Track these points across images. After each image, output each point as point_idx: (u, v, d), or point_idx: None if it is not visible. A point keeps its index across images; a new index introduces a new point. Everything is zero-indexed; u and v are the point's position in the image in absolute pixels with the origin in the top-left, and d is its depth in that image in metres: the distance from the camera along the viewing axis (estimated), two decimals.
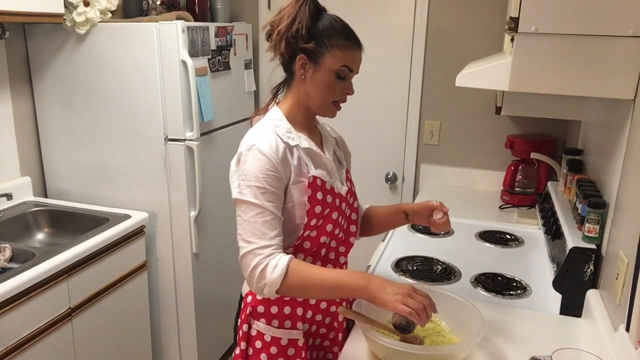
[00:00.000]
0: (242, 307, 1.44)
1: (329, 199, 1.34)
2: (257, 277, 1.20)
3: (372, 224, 1.58)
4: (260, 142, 1.26)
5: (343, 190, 1.40)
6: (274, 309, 1.38)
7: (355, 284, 1.19)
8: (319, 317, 1.42)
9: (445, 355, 1.25)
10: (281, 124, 1.33)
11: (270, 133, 1.30)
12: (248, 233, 1.22)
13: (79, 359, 2.00)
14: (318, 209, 1.31)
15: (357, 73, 1.35)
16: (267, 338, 1.38)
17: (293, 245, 1.33)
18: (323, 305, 1.41)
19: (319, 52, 1.28)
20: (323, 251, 1.38)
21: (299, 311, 1.38)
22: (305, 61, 1.29)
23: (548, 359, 1.22)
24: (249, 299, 1.40)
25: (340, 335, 1.45)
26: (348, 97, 1.37)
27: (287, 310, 1.38)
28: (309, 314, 1.40)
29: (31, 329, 1.77)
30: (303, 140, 1.33)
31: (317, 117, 1.44)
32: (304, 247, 1.34)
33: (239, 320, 1.45)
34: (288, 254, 1.24)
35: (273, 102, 1.40)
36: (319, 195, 1.31)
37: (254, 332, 1.40)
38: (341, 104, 1.37)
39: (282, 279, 1.18)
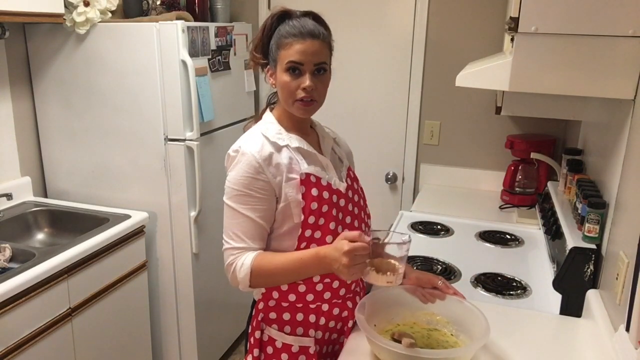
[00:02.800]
0: (253, 313, 1.44)
1: (326, 195, 1.34)
2: (231, 276, 1.32)
3: None
4: (245, 145, 1.32)
5: (342, 186, 1.39)
6: (286, 316, 1.38)
7: (313, 264, 1.26)
8: (331, 324, 1.41)
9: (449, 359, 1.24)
10: (271, 126, 1.37)
11: (258, 136, 1.35)
12: (228, 232, 1.33)
13: (79, 359, 2.00)
14: (314, 205, 1.31)
15: (315, 65, 1.29)
16: (279, 344, 1.38)
17: (298, 248, 1.32)
18: (335, 311, 1.40)
19: (275, 57, 1.32)
20: None
21: (312, 318, 1.38)
22: (270, 69, 1.36)
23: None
24: (261, 305, 1.40)
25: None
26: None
27: (299, 317, 1.37)
28: (322, 320, 1.40)
29: (31, 329, 1.77)
30: (294, 140, 1.36)
31: (314, 118, 1.44)
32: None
33: (250, 328, 1.44)
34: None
35: (267, 109, 1.44)
36: (314, 192, 1.32)
37: (265, 338, 1.40)
38: (309, 100, 1.31)
39: (249, 277, 1.28)
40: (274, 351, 1.38)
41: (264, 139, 1.34)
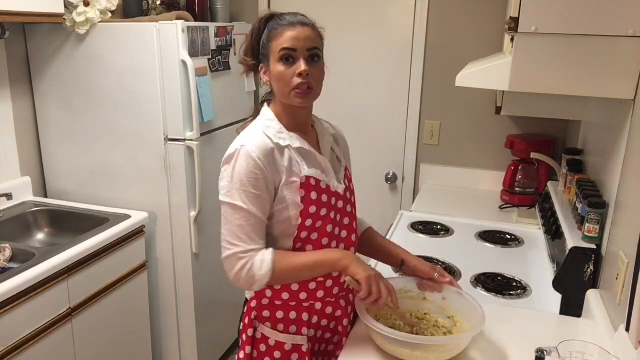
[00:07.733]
0: (245, 310, 1.43)
1: (324, 198, 1.33)
2: (245, 278, 1.27)
3: (366, 249, 1.57)
4: (248, 144, 1.28)
5: (340, 188, 1.38)
6: (280, 314, 1.37)
7: (332, 259, 1.32)
8: (324, 322, 1.42)
9: (446, 345, 1.27)
10: (272, 124, 1.33)
11: (260, 134, 1.31)
12: (233, 235, 1.27)
13: (79, 359, 2.00)
14: (312, 209, 1.30)
15: (309, 51, 1.27)
16: (272, 342, 1.38)
17: (294, 249, 1.33)
18: (329, 310, 1.41)
19: (267, 51, 1.31)
20: None
21: (305, 316, 1.38)
22: (263, 66, 1.34)
23: (554, 350, 1.21)
24: (254, 303, 1.39)
25: (344, 339, 1.43)
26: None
27: (292, 315, 1.37)
28: (315, 319, 1.40)
29: (31, 329, 1.77)
30: (295, 140, 1.33)
31: (314, 114, 1.43)
32: (307, 251, 1.35)
33: (242, 325, 1.44)
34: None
35: (264, 105, 1.41)
36: (314, 195, 1.31)
37: (259, 335, 1.40)
38: (306, 88, 1.27)
39: (271, 273, 1.26)
40: (267, 349, 1.38)
41: (265, 136, 1.30)
